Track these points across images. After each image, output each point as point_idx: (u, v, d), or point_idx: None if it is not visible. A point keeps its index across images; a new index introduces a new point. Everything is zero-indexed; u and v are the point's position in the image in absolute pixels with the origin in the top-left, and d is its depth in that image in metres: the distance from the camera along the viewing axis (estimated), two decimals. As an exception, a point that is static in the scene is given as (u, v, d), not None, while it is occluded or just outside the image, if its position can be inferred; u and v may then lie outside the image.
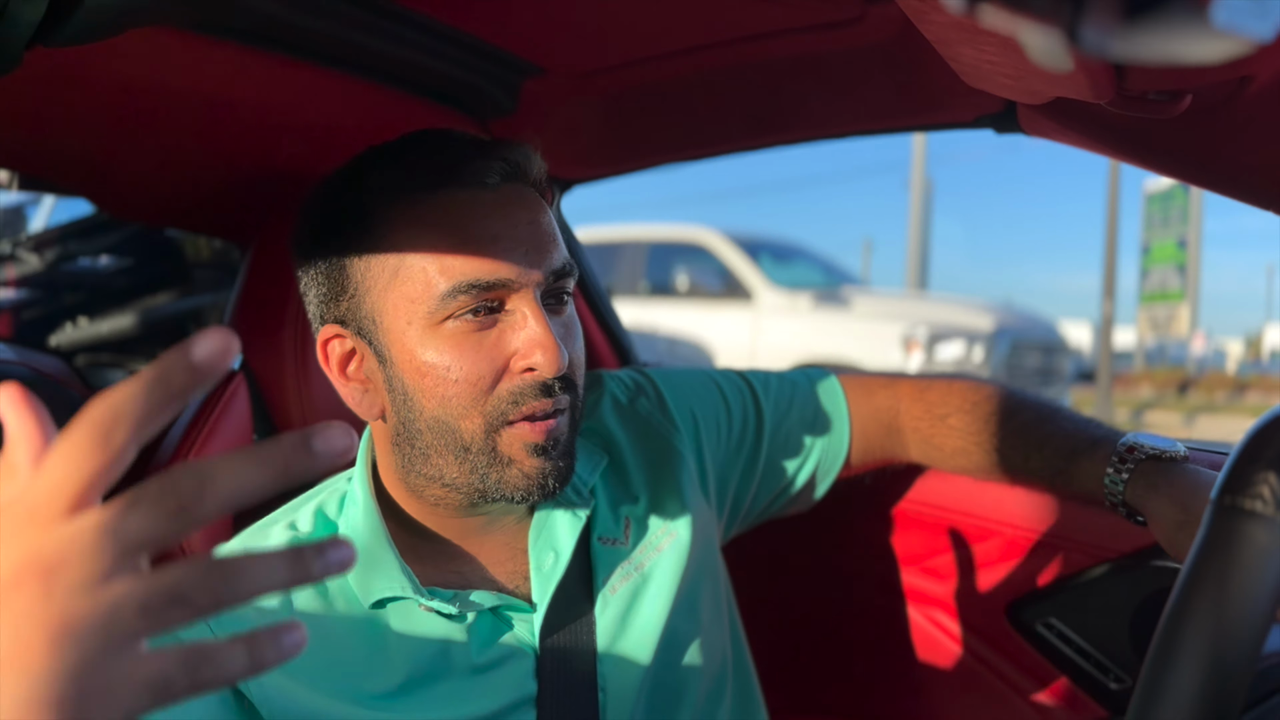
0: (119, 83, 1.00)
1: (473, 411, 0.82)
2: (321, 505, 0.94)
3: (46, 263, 3.29)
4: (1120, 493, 0.94)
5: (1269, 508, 0.52)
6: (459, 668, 0.86)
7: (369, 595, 0.85)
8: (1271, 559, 0.51)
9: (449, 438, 0.84)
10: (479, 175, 0.84)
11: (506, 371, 0.83)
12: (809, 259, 8.49)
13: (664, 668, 0.95)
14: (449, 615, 0.86)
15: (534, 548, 0.92)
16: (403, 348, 0.83)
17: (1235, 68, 0.68)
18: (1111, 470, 0.94)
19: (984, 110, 1.09)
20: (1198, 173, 0.93)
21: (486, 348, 0.82)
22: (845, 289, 7.81)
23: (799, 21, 1.05)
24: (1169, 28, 0.33)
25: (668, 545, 0.99)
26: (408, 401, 0.84)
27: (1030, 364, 7.52)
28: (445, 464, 0.85)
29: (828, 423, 1.16)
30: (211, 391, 1.21)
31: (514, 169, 0.86)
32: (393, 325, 0.83)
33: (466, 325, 0.82)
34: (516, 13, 1.08)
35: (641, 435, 1.05)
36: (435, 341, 0.82)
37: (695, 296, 7.78)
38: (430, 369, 0.82)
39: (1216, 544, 0.53)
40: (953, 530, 1.33)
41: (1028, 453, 1.06)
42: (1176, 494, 0.88)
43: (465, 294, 0.81)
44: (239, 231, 1.53)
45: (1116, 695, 1.19)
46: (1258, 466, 0.53)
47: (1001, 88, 0.82)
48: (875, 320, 7.15)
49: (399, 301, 0.83)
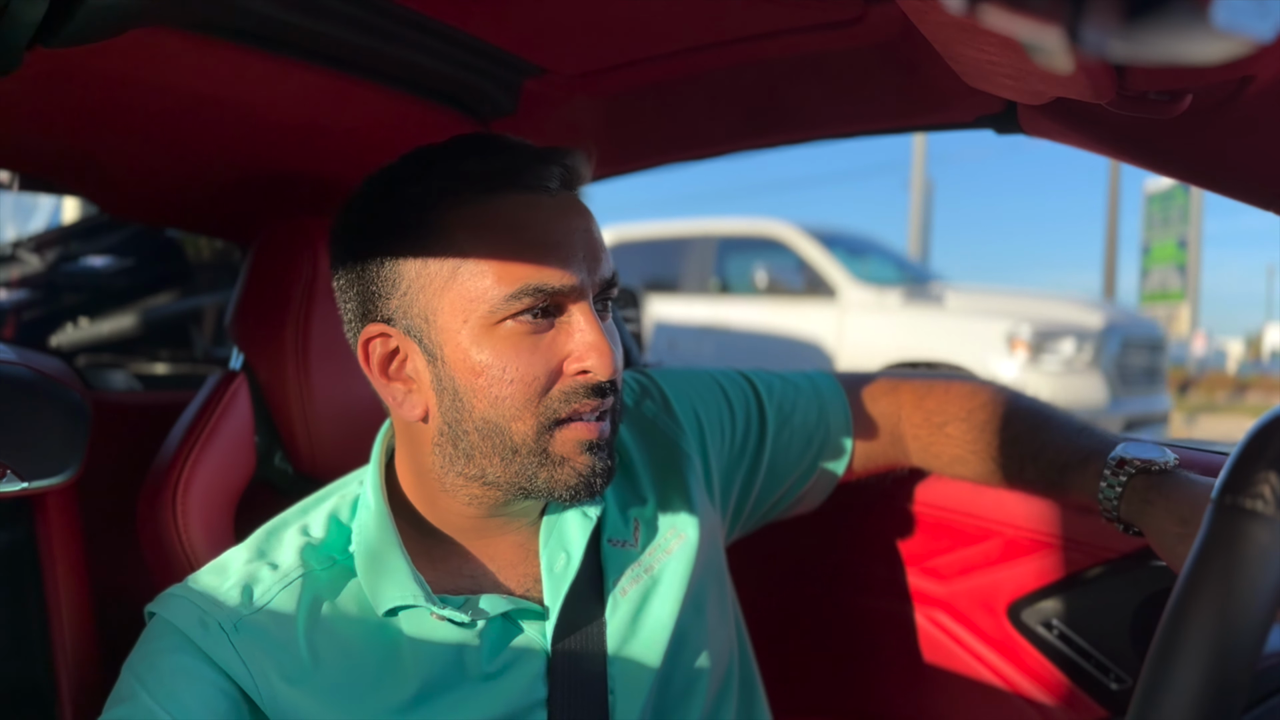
0: (119, 83, 1.00)
1: (525, 413, 0.83)
2: (335, 510, 0.94)
3: (47, 263, 3.29)
4: (1115, 509, 0.94)
5: (1270, 507, 0.51)
6: (471, 674, 0.86)
7: (381, 603, 0.85)
8: (1272, 559, 0.51)
9: (498, 439, 0.84)
10: (540, 180, 0.85)
11: (560, 374, 0.83)
12: (882, 252, 7.87)
13: (672, 669, 0.95)
14: (461, 623, 0.86)
15: (545, 549, 0.93)
16: (456, 346, 0.83)
17: (1236, 68, 0.69)
18: (1105, 485, 0.94)
19: (984, 110, 1.09)
20: (1198, 173, 0.93)
21: (542, 350, 0.83)
22: (933, 284, 7.20)
23: (799, 22, 1.05)
24: (1170, 28, 0.33)
25: (676, 547, 0.99)
26: (457, 401, 0.84)
27: (1138, 363, 6.78)
28: (490, 464, 0.85)
29: (831, 427, 1.16)
30: (212, 392, 1.21)
31: (571, 175, 0.87)
32: (448, 324, 0.83)
33: (523, 327, 0.82)
34: (517, 13, 1.08)
35: (648, 437, 1.06)
36: (491, 342, 0.82)
37: (771, 294, 7.16)
38: (485, 369, 0.82)
39: (1217, 544, 0.53)
40: (954, 531, 1.33)
41: (1023, 464, 1.06)
42: (1172, 506, 0.88)
43: (530, 296, 0.81)
44: (240, 232, 1.53)
45: (1117, 695, 1.19)
46: (1258, 466, 0.53)
47: (1002, 88, 0.82)
48: (974, 317, 6.39)
49: (456, 300, 0.83)
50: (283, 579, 0.86)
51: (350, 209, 0.90)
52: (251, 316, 1.24)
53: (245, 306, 1.26)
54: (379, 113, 1.21)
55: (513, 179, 0.84)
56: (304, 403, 1.20)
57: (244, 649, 0.80)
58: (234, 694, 0.80)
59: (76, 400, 1.17)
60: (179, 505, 1.10)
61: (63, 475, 1.10)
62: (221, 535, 1.13)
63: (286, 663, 0.82)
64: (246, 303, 1.26)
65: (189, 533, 1.09)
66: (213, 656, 0.80)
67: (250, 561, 0.88)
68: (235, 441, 1.19)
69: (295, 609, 0.84)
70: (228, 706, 0.79)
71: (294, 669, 0.82)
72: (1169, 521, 0.88)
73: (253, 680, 0.80)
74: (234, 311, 1.27)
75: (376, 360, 0.88)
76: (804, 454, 1.15)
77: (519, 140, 0.89)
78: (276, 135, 1.23)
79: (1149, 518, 0.90)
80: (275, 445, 1.24)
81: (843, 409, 1.17)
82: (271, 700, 0.80)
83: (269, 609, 0.83)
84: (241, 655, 0.80)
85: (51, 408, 1.14)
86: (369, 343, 0.88)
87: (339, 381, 1.21)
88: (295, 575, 0.86)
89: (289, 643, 0.82)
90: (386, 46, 1.08)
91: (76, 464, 1.12)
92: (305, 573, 0.87)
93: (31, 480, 1.06)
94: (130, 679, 0.80)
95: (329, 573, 0.88)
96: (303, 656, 0.82)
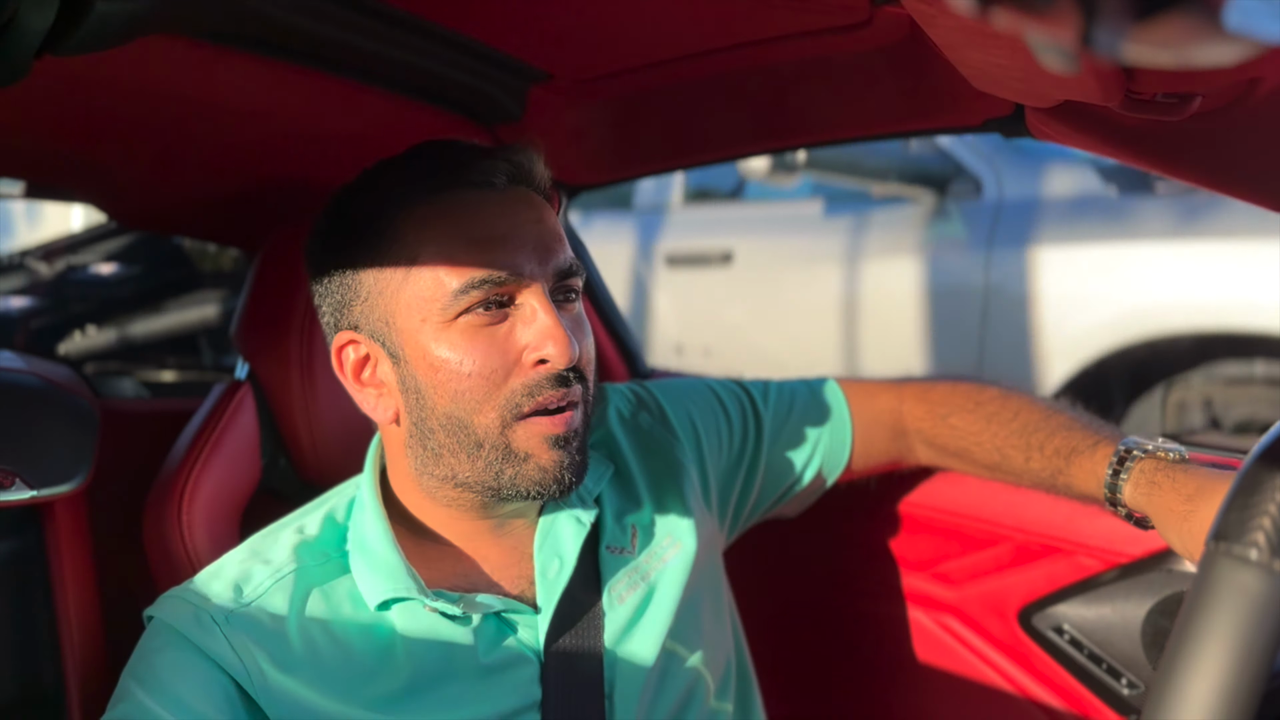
0: (127, 91, 1.00)
1: (486, 405, 0.83)
2: (331, 510, 0.95)
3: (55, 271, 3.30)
4: (1119, 493, 0.93)
5: (1264, 555, 0.49)
6: (464, 671, 0.86)
7: (374, 596, 0.86)
8: (1267, 611, 0.49)
9: (462, 435, 0.84)
10: (485, 176, 0.86)
11: (518, 365, 0.83)
12: None
13: (669, 676, 0.95)
14: (454, 617, 0.86)
15: (539, 553, 0.93)
16: (416, 345, 0.84)
17: (1245, 70, 0.68)
18: (1111, 471, 0.94)
19: (992, 114, 1.09)
20: (1207, 176, 0.93)
21: (498, 341, 0.83)
22: None
23: (806, 25, 1.05)
24: (1180, 31, 0.32)
25: (673, 556, 0.99)
26: (420, 399, 0.85)
27: None
28: (458, 463, 0.85)
29: (829, 426, 1.16)
30: (218, 401, 1.21)
31: (519, 171, 0.88)
32: (406, 325, 0.84)
33: (478, 320, 0.83)
34: (523, 18, 1.08)
35: (644, 447, 1.06)
36: (448, 338, 0.83)
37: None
38: (443, 364, 0.83)
39: (1211, 597, 0.51)
40: (964, 535, 1.33)
41: (1029, 453, 1.05)
42: (1179, 488, 0.88)
43: (476, 289, 0.82)
44: (247, 239, 1.53)
45: (1129, 700, 1.18)
46: (1250, 511, 0.51)
47: (1009, 91, 0.82)
48: None
49: (412, 301, 0.84)
50: (275, 573, 0.87)
51: (317, 222, 0.92)
52: (256, 324, 1.24)
53: (250, 314, 1.26)
54: (385, 119, 1.22)
55: (458, 177, 0.85)
56: (308, 411, 1.20)
57: (235, 640, 0.81)
58: (228, 685, 0.81)
59: (85, 408, 1.17)
60: (184, 513, 1.10)
61: (71, 483, 1.10)
62: (227, 543, 1.13)
63: (278, 652, 0.82)
64: (251, 311, 1.26)
65: (194, 541, 1.09)
66: (205, 650, 0.80)
67: (244, 560, 0.89)
68: (240, 450, 1.19)
69: (288, 602, 0.85)
70: (223, 698, 0.80)
71: (286, 659, 0.82)
72: (1174, 500, 0.87)
73: (245, 670, 0.81)
74: (239, 320, 1.27)
75: (350, 367, 0.90)
76: (802, 455, 1.15)
77: (469, 142, 0.91)
78: (283, 141, 1.23)
79: (1154, 500, 0.90)
80: (280, 453, 1.24)
81: (841, 407, 1.17)
82: (264, 690, 0.81)
83: (260, 602, 0.84)
84: (234, 646, 0.81)
85: (60, 415, 1.15)
86: (341, 350, 0.90)
87: (343, 390, 1.20)
88: (288, 570, 0.87)
89: (280, 634, 0.83)
90: (393, 52, 1.08)
91: (85, 472, 1.12)
92: (298, 567, 0.88)
93: (40, 488, 1.06)
94: (127, 680, 0.81)
95: (323, 568, 0.89)
96: (295, 647, 0.83)
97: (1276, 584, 0.49)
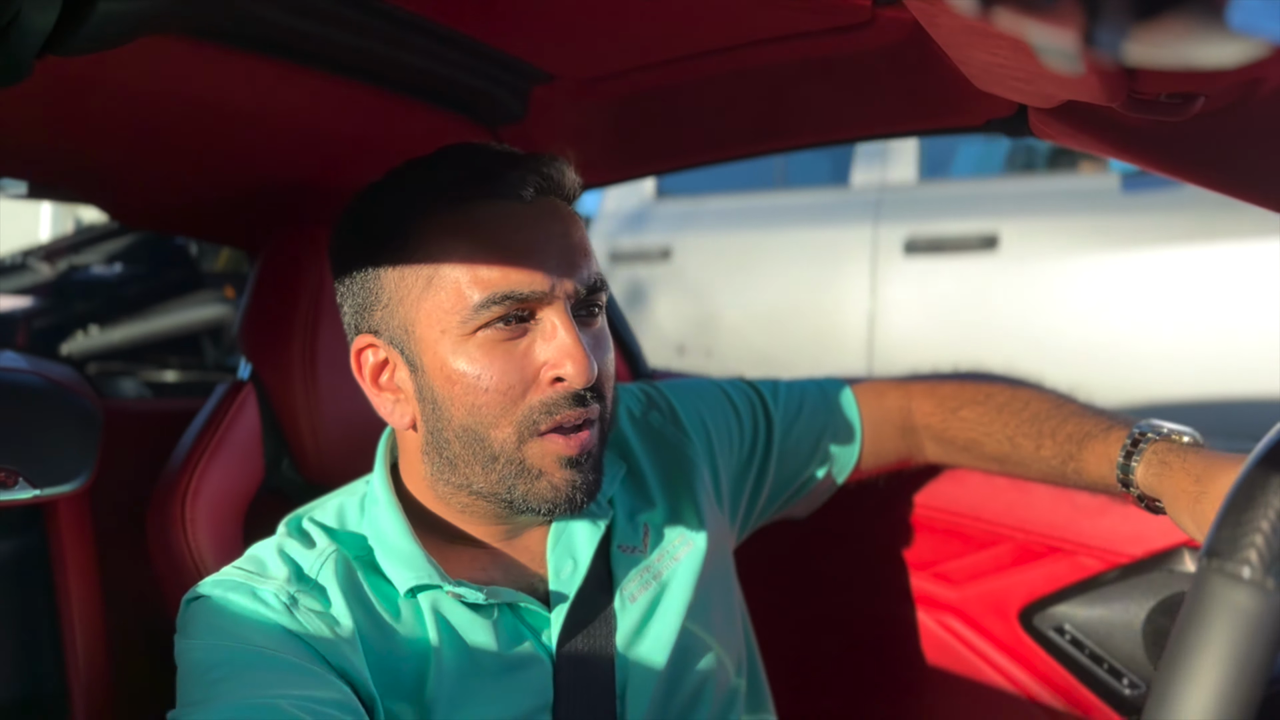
0: (129, 91, 1.00)
1: (502, 421, 0.83)
2: (342, 505, 0.95)
3: (57, 271, 3.31)
4: (1132, 474, 0.92)
5: (1257, 573, 0.49)
6: (484, 668, 0.86)
7: (403, 584, 0.86)
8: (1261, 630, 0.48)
9: (477, 447, 0.84)
10: (514, 187, 0.84)
11: (536, 382, 0.83)
12: None
13: (680, 676, 0.95)
14: (476, 607, 0.86)
15: (553, 554, 0.93)
16: (434, 356, 0.84)
17: (1247, 70, 0.68)
18: (1124, 454, 0.93)
19: (995, 114, 1.09)
20: (1209, 176, 0.93)
21: (517, 357, 0.83)
22: None
23: (808, 25, 1.05)
24: (1183, 31, 0.32)
25: (685, 555, 0.99)
26: (437, 410, 0.85)
27: None
28: (473, 473, 0.85)
29: (838, 426, 1.16)
30: (221, 401, 1.21)
31: (548, 182, 0.87)
32: (425, 334, 0.84)
33: (498, 334, 0.82)
34: (525, 19, 1.08)
35: (656, 446, 1.06)
36: (467, 350, 0.82)
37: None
38: (461, 377, 0.83)
39: (1204, 615, 0.50)
40: (965, 535, 1.33)
41: (1040, 440, 1.04)
42: (1191, 468, 0.87)
43: (498, 304, 0.81)
44: (249, 240, 1.54)
45: (1130, 700, 1.18)
46: (1242, 530, 0.50)
47: (1012, 91, 0.82)
48: None
49: (432, 311, 0.83)
50: (320, 555, 0.86)
51: (341, 223, 0.91)
52: (259, 325, 1.24)
53: (253, 315, 1.26)
54: (387, 119, 1.22)
55: (486, 187, 0.84)
56: (311, 411, 1.20)
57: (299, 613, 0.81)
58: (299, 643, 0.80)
59: (88, 408, 1.18)
60: (187, 514, 1.10)
61: (74, 483, 1.10)
62: (230, 543, 1.13)
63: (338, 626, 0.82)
64: (254, 311, 1.26)
65: (197, 541, 1.10)
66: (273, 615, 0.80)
67: (280, 548, 0.88)
68: (243, 450, 1.20)
69: (329, 590, 0.84)
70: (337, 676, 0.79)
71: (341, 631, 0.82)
72: (1185, 480, 0.86)
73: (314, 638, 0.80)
74: (242, 320, 1.27)
75: (368, 370, 0.89)
76: (812, 454, 1.15)
77: (499, 148, 0.90)
78: (285, 142, 1.23)
79: (1165, 481, 0.89)
80: (283, 453, 1.24)
81: (851, 407, 1.17)
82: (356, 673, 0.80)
83: (319, 578, 0.84)
84: (298, 617, 0.80)
85: (63, 415, 1.15)
86: (361, 353, 0.89)
87: (346, 390, 1.20)
88: (329, 551, 0.87)
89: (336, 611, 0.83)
90: (395, 53, 1.08)
91: (88, 471, 1.12)
92: (337, 550, 0.87)
93: (43, 488, 1.06)
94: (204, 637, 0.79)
95: (354, 551, 0.89)
96: (345, 623, 0.82)
97: (1269, 602, 0.48)
